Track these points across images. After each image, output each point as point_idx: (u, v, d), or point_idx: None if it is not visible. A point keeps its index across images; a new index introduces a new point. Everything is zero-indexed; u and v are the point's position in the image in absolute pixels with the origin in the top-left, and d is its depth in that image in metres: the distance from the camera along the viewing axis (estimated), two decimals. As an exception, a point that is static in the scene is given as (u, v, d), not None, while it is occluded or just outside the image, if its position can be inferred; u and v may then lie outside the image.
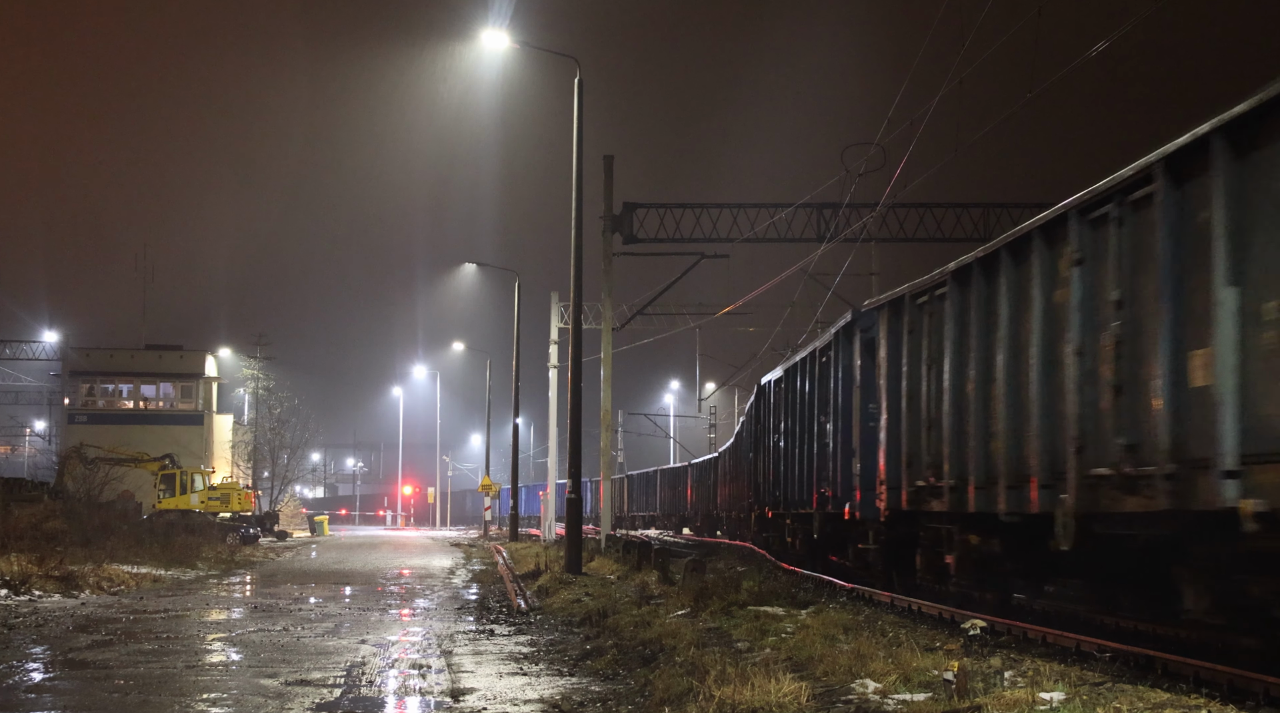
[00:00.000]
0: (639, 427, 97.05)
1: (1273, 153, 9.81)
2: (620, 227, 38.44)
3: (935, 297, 16.82)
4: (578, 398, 28.37)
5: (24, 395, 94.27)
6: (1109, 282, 12.06)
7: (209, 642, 16.19)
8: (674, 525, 65.14)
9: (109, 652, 14.91)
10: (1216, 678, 10.79)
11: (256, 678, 12.80)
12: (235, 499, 56.45)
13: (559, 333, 53.27)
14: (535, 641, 16.03)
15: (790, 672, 11.47)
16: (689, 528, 60.74)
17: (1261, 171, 9.96)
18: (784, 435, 28.57)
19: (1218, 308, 10.25)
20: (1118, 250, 11.94)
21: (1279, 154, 9.75)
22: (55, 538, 31.03)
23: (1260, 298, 9.91)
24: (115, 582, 25.87)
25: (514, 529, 56.01)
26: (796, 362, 27.28)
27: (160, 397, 79.25)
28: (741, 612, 16.87)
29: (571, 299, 28.74)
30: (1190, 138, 10.75)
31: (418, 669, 13.42)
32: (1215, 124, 10.36)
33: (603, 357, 37.67)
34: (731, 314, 50.28)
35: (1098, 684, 10.32)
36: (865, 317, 21.10)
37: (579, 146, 28.59)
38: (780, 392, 29.31)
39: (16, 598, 22.15)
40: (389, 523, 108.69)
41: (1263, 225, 9.92)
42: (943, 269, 16.57)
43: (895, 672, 11.18)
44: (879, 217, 39.04)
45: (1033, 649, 13.19)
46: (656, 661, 13.07)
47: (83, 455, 51.09)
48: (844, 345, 22.40)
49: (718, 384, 78.03)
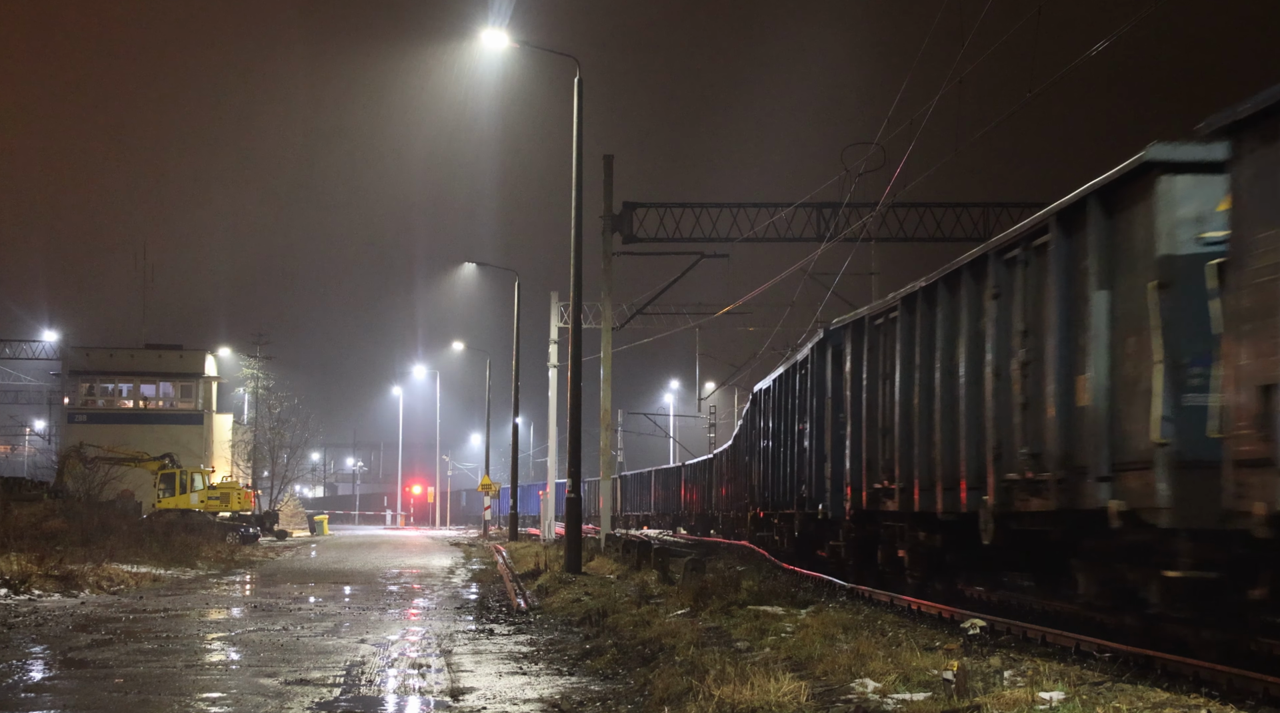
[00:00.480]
0: (639, 426, 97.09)
1: (1131, 215, 12.05)
2: (620, 226, 38.42)
3: (889, 319, 18.85)
4: (577, 397, 28.37)
5: (24, 395, 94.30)
6: (1017, 314, 14.17)
7: (209, 641, 16.19)
8: (668, 525, 65.82)
9: (108, 651, 14.91)
10: (1216, 678, 10.81)
11: (256, 678, 12.81)
12: (235, 499, 56.44)
13: (559, 332, 53.24)
14: (535, 640, 16.04)
15: (790, 671, 11.47)
16: (683, 527, 61.42)
17: (1120, 229, 12.25)
18: (772, 441, 30.13)
19: (1092, 341, 12.45)
20: (1024, 288, 14.08)
21: (1135, 216, 11.97)
22: (55, 537, 31.02)
23: (1123, 334, 12.06)
24: (115, 581, 25.87)
25: (514, 529, 56.02)
26: (781, 373, 29.06)
27: (160, 396, 79.21)
28: (741, 611, 16.88)
29: (571, 299, 28.74)
30: (1074, 197, 12.88)
31: (417, 669, 13.42)
32: (1090, 188, 12.58)
33: (602, 356, 37.67)
34: (731, 314, 50.32)
35: (1097, 684, 10.33)
36: (835, 334, 22.82)
37: (579, 146, 28.58)
38: (769, 400, 30.92)
39: (16, 597, 22.15)
40: (388, 522, 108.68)
41: (1123, 273, 12.14)
42: (895, 294, 18.57)
43: (895, 671, 11.17)
44: (879, 216, 39.01)
45: (1032, 649, 13.20)
46: (656, 660, 13.07)
47: (82, 455, 51.08)
48: (818, 360, 24.13)
49: (717, 384, 78.01)
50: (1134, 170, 11.86)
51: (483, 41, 31.39)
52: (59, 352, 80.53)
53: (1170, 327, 11.34)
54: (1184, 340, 11.29)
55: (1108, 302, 12.33)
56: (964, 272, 15.70)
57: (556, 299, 53.35)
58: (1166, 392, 11.27)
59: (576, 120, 28.60)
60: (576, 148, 28.57)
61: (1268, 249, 9.46)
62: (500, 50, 31.79)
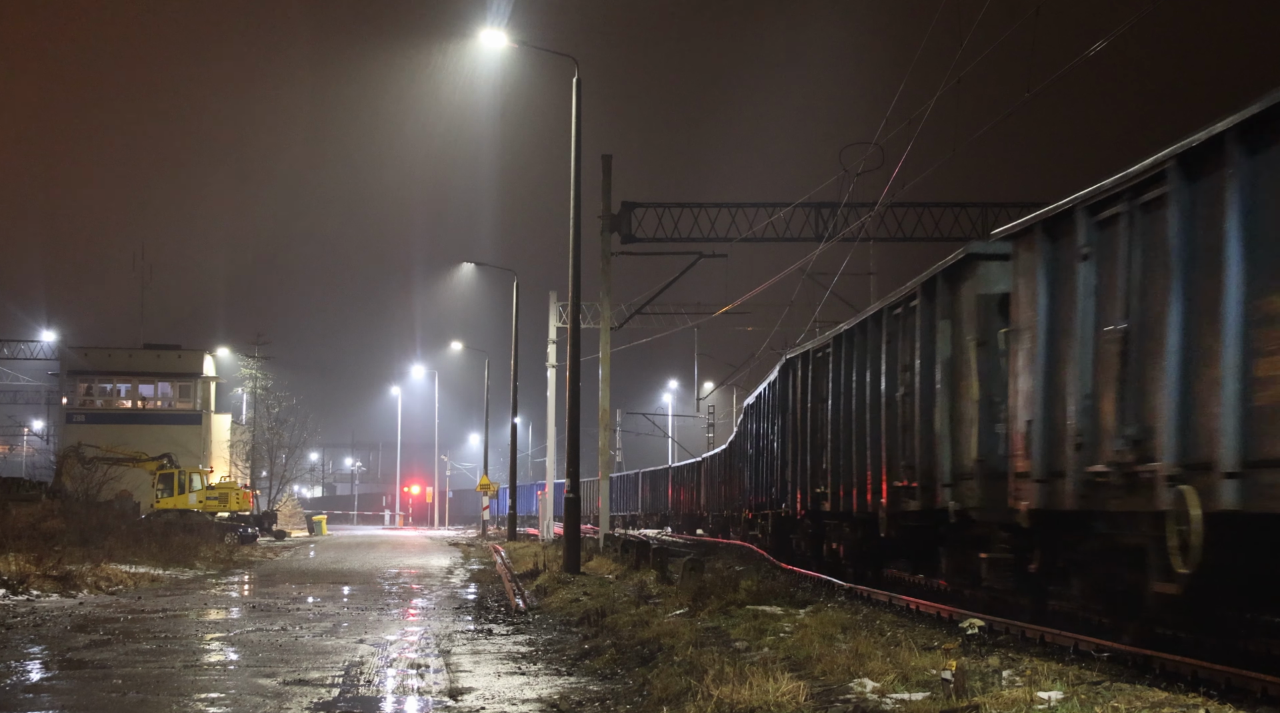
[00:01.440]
0: (637, 426, 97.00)
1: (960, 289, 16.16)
2: (618, 226, 38.41)
3: (825, 353, 22.90)
4: (576, 397, 28.37)
5: (22, 395, 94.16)
6: (902, 354, 18.13)
7: (207, 641, 16.19)
8: (655, 524, 67.63)
9: (107, 652, 14.91)
10: (1214, 677, 10.81)
11: (255, 678, 12.80)
12: (233, 499, 56.39)
13: (557, 332, 53.21)
14: (533, 640, 16.03)
15: (788, 671, 11.47)
16: (670, 526, 63.10)
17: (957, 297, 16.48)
18: (755, 448, 33.46)
19: (939, 385, 16.63)
20: (902, 336, 18.21)
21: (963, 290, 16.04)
22: (53, 538, 30.97)
23: (957, 377, 16.14)
24: (113, 581, 25.86)
25: (512, 529, 55.99)
26: (762, 388, 32.68)
27: (158, 396, 79.15)
28: (740, 611, 16.87)
29: (570, 298, 28.74)
30: (926, 275, 17.16)
31: (416, 669, 13.42)
32: (933, 271, 16.83)
33: (601, 356, 37.67)
34: (730, 314, 50.24)
35: (1096, 683, 10.33)
36: (791, 362, 26.72)
37: (577, 146, 28.58)
38: (755, 410, 33.92)
39: (14, 598, 22.15)
40: (387, 523, 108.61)
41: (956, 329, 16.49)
42: (831, 333, 22.96)
43: (893, 671, 11.17)
44: (877, 216, 39.01)
45: (1031, 648, 13.20)
46: (655, 660, 13.07)
47: (81, 455, 51.00)
48: (780, 382, 28.33)
49: (716, 384, 78.02)
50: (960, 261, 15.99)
51: (481, 41, 31.41)
52: (57, 352, 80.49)
53: (983, 376, 15.19)
54: (994, 385, 14.91)
55: (949, 351, 16.41)
56: (868, 323, 20.04)
57: (555, 299, 53.32)
58: (981, 422, 15.10)
59: (575, 120, 28.60)
60: (575, 147, 28.56)
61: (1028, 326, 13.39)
62: (499, 50, 31.82)
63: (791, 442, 26.07)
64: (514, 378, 57.32)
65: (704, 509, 51.92)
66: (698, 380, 72.31)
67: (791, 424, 26.17)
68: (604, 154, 36.74)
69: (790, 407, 26.46)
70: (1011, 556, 14.49)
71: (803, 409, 24.83)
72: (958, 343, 16.11)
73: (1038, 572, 14.15)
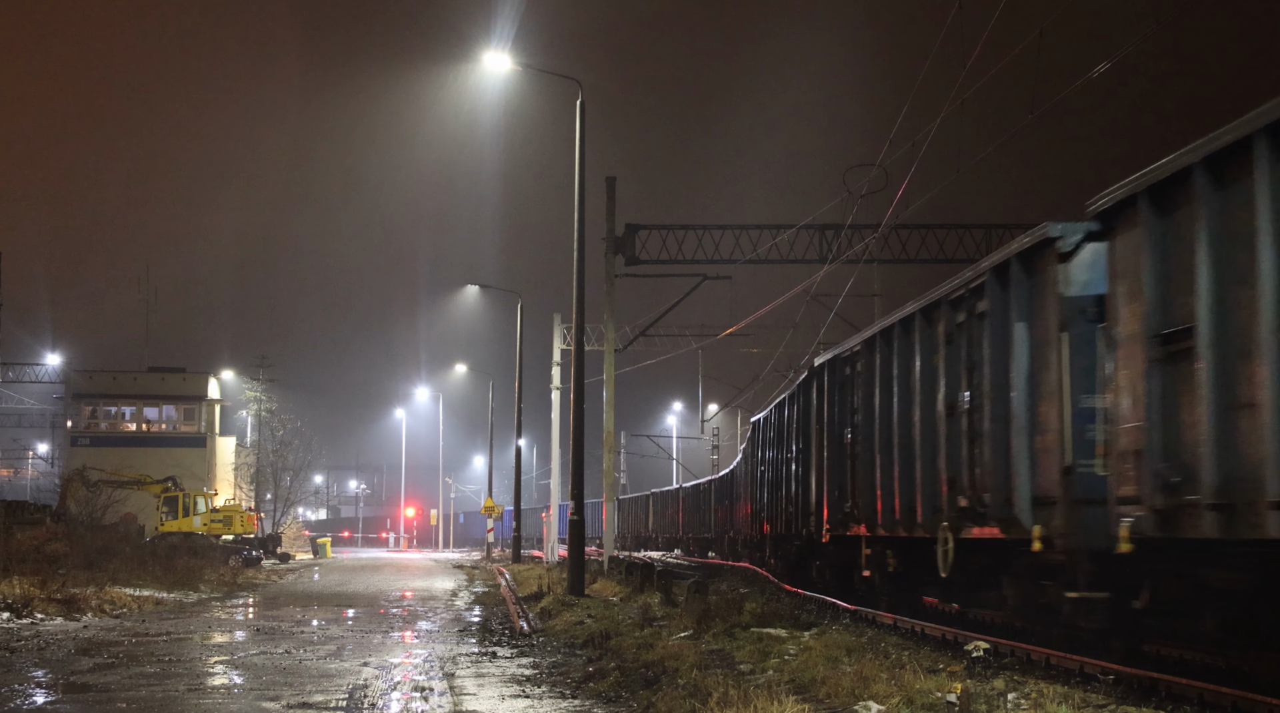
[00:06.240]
0: (642, 448, 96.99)
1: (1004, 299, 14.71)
2: (622, 248, 38.45)
3: (856, 356, 21.12)
4: (580, 420, 28.34)
5: (26, 418, 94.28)
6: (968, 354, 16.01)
7: (211, 664, 16.17)
8: (664, 547, 68.30)
9: (111, 675, 14.89)
10: (1220, 700, 10.77)
11: (258, 701, 12.78)
12: (238, 521, 56.41)
13: (561, 354, 53.25)
14: (538, 663, 16.00)
15: (793, 694, 11.44)
16: (679, 549, 63.57)
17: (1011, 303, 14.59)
18: (769, 467, 32.04)
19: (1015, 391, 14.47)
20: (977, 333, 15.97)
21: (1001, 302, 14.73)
22: (57, 561, 30.96)
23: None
24: (117, 604, 25.83)
25: (516, 551, 55.97)
26: (776, 404, 31.00)
27: (163, 419, 79.18)
28: (744, 633, 16.85)
29: (574, 321, 28.74)
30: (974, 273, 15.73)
31: (420, 692, 13.39)
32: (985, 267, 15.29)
33: (605, 378, 37.66)
34: (734, 335, 50.31)
35: (1101, 707, 10.30)
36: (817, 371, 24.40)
37: (581, 168, 28.62)
38: (767, 428, 32.69)
39: (19, 621, 22.12)
40: (391, 545, 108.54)
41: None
42: (862, 333, 21.15)
43: (898, 694, 11.15)
44: (881, 238, 39.07)
45: (1036, 671, 13.17)
46: (659, 683, 13.04)
47: (85, 478, 51.05)
48: (803, 392, 26.07)
49: (720, 406, 77.98)
50: (1040, 242, 13.74)
51: (485, 64, 31.45)
52: (62, 375, 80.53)
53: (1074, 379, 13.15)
54: (1086, 391, 13.05)
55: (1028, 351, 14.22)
56: (916, 318, 17.67)
57: (559, 321, 53.38)
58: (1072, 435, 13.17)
59: (579, 142, 28.64)
60: (579, 170, 28.60)
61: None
62: (502, 73, 31.87)
63: (816, 457, 24.04)
64: (518, 400, 57.35)
65: (713, 531, 51.78)
66: (702, 402, 72.34)
67: (815, 438, 24.15)
68: (608, 176, 36.88)
69: (814, 419, 24.33)
70: (1108, 593, 12.87)
71: (830, 421, 22.62)
72: (1039, 340, 13.95)
73: (1144, 608, 12.34)
